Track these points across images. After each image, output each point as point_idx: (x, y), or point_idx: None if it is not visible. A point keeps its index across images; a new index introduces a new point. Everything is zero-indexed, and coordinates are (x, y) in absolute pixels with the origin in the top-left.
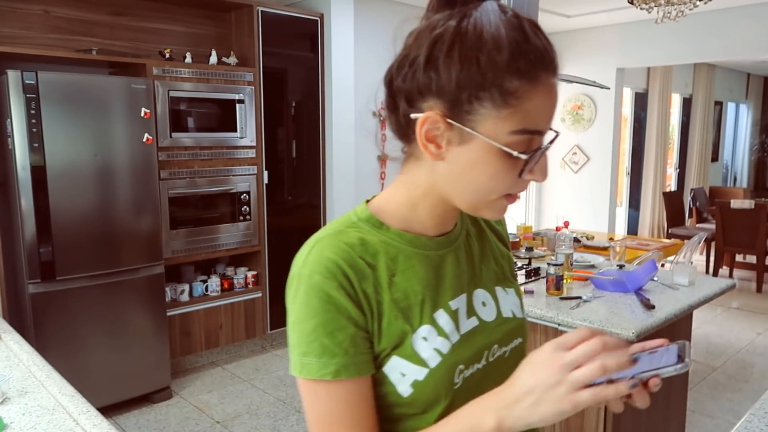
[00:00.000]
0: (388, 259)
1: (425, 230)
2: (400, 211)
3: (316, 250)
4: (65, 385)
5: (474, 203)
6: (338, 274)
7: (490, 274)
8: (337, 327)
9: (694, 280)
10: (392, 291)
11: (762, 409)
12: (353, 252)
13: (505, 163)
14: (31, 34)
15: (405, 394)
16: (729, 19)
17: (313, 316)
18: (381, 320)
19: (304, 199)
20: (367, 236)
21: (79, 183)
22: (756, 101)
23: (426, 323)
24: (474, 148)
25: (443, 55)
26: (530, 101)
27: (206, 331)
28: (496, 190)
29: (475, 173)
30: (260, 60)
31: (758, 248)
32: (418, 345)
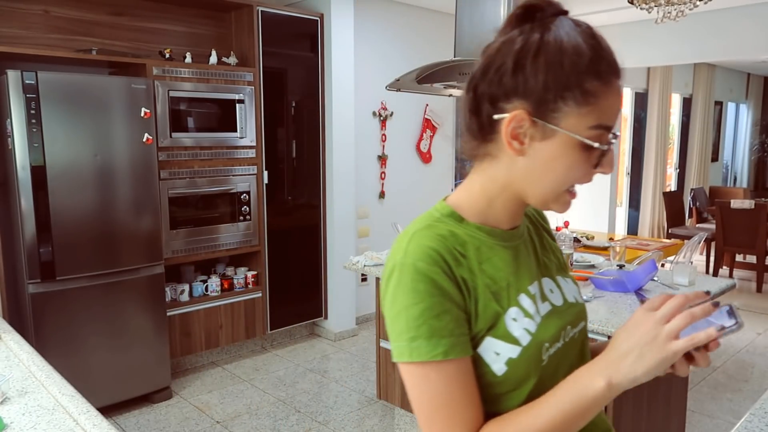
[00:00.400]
0: (474, 249)
1: (499, 224)
2: (477, 206)
3: (415, 241)
4: (65, 385)
5: (546, 196)
6: (440, 261)
7: (551, 265)
8: (443, 310)
9: (694, 280)
10: (483, 276)
11: (762, 409)
12: (447, 242)
13: (582, 155)
14: (31, 34)
15: (499, 373)
16: (729, 19)
17: (420, 300)
18: (477, 303)
19: (304, 199)
20: (455, 229)
21: (79, 183)
22: (756, 101)
23: (513, 305)
24: (556, 142)
25: (530, 62)
26: (606, 100)
27: (206, 331)
28: (569, 181)
29: (554, 165)
30: (260, 60)
31: (758, 248)
32: (510, 325)
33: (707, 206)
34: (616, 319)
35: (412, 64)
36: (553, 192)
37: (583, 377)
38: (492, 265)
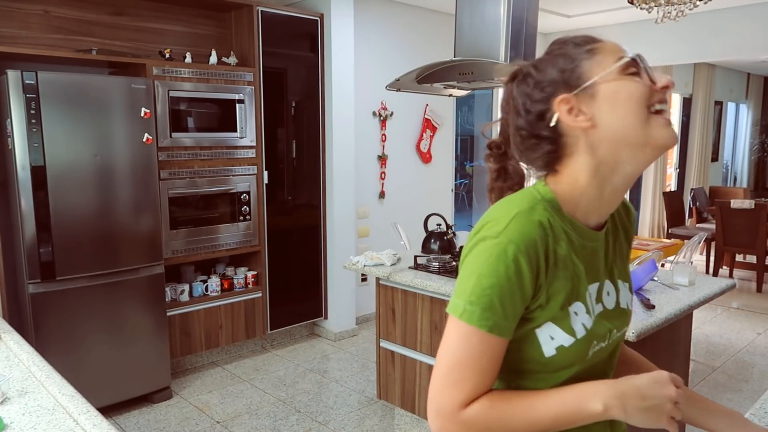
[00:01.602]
0: (565, 243)
1: (586, 221)
2: (572, 199)
3: (516, 222)
4: (65, 385)
5: (641, 134)
6: (531, 250)
7: (617, 269)
8: (510, 296)
9: (694, 280)
10: (561, 269)
11: (762, 409)
12: (544, 233)
13: (631, 82)
14: (31, 34)
15: (547, 355)
16: (729, 19)
17: (495, 276)
18: (550, 293)
19: (304, 199)
20: (552, 219)
21: (79, 183)
22: (756, 101)
23: (580, 300)
24: (603, 90)
25: (540, 72)
26: (605, 49)
27: (206, 331)
28: (642, 104)
29: (620, 105)
30: (260, 60)
31: (758, 248)
32: (572, 318)
33: (707, 206)
34: None
35: (412, 64)
36: (641, 122)
37: (585, 395)
38: (574, 260)
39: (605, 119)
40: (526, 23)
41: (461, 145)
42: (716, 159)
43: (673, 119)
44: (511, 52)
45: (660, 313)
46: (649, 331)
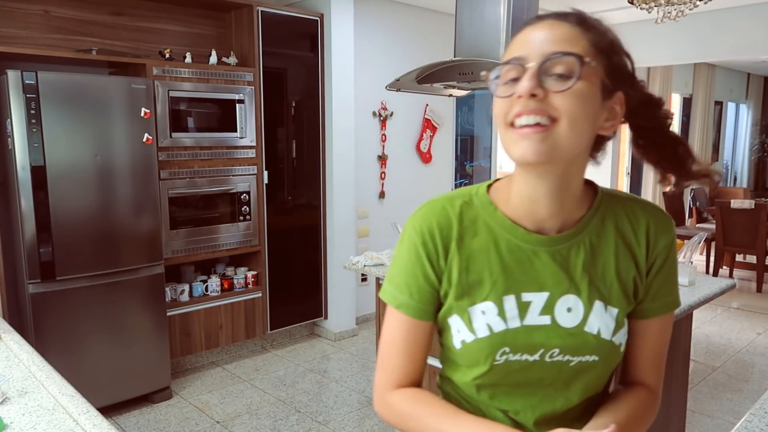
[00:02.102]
0: (479, 237)
1: (521, 221)
2: (506, 196)
3: (424, 208)
4: (65, 385)
5: (505, 147)
6: (427, 236)
7: (593, 286)
8: (413, 275)
9: (694, 280)
10: (469, 263)
11: (762, 409)
12: (448, 220)
13: (497, 90)
14: (31, 34)
15: (456, 347)
16: (729, 19)
17: (401, 258)
18: (451, 283)
19: (304, 199)
20: (470, 211)
21: (79, 183)
22: (756, 101)
23: (491, 300)
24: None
25: None
26: (512, 44)
27: (206, 331)
28: (501, 117)
29: (494, 113)
30: (260, 60)
31: (758, 248)
32: (474, 315)
33: (707, 206)
34: None
35: (412, 64)
36: (502, 135)
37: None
38: (488, 256)
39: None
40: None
41: (461, 145)
42: (716, 159)
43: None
44: None
45: None
46: None
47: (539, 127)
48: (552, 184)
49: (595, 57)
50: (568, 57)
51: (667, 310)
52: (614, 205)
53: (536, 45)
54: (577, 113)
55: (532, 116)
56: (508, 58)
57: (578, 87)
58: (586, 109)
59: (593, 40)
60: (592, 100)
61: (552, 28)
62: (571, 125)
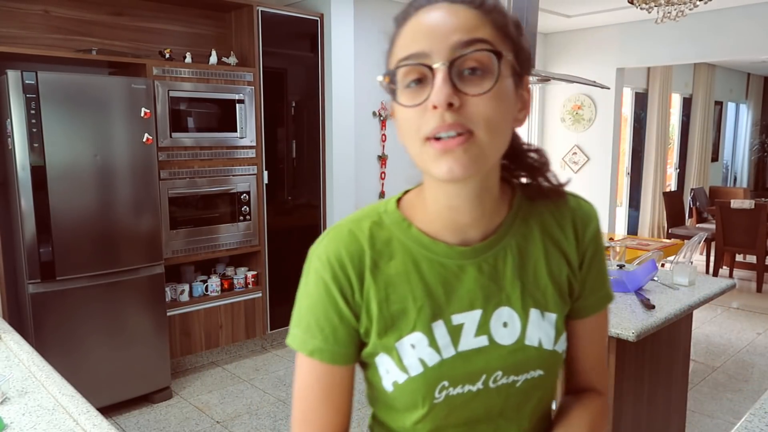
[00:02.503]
0: (396, 259)
1: (440, 233)
2: (420, 208)
3: (328, 237)
4: (65, 385)
5: (420, 163)
6: (336, 267)
7: (526, 293)
8: (324, 314)
9: (694, 280)
10: (389, 291)
11: (762, 409)
12: (359, 245)
13: (402, 97)
14: (31, 34)
15: (387, 389)
16: (729, 19)
17: (308, 296)
18: (372, 319)
19: (304, 199)
20: (382, 232)
21: (79, 183)
22: (756, 101)
23: (419, 330)
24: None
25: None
26: (401, 37)
27: (206, 331)
28: (412, 129)
29: (397, 123)
30: (260, 60)
31: (758, 248)
32: (404, 351)
33: (707, 206)
34: (616, 319)
35: None
36: (416, 150)
37: None
38: (410, 280)
39: (401, 135)
40: (526, 23)
41: None
42: (716, 159)
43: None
44: None
45: (660, 313)
46: (649, 331)
47: (461, 137)
48: (474, 188)
49: (504, 43)
50: (483, 52)
51: (603, 305)
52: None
53: (438, 36)
54: (498, 117)
55: (452, 131)
56: (405, 55)
57: (497, 87)
58: (505, 108)
59: (498, 23)
60: (509, 95)
61: (450, 13)
62: (494, 131)
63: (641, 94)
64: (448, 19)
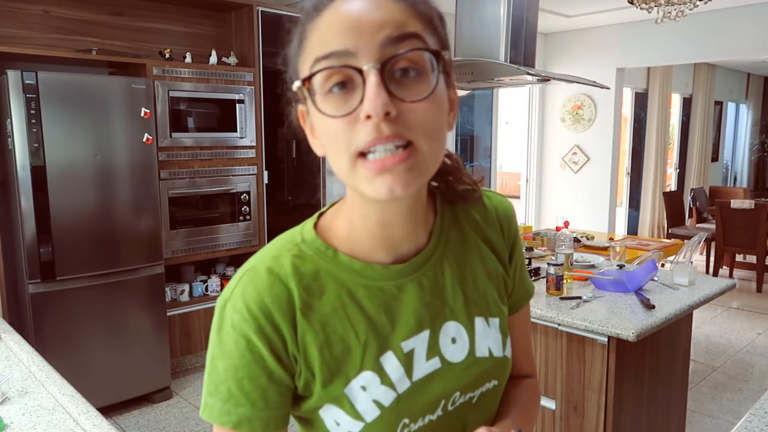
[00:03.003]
0: (328, 294)
1: (372, 254)
2: (343, 230)
3: (243, 283)
4: (65, 385)
5: (351, 182)
6: (260, 317)
7: (469, 302)
8: (249, 376)
9: (694, 280)
10: (328, 332)
11: (762, 409)
12: (284, 286)
13: (321, 114)
14: (31, 34)
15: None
16: (729, 19)
17: (226, 356)
18: (312, 367)
19: (304, 199)
20: (306, 265)
21: (79, 183)
22: (756, 101)
23: (368, 369)
24: (309, 110)
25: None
26: (313, 39)
27: (206, 331)
28: (341, 145)
29: (322, 138)
30: (260, 60)
31: (758, 248)
32: (354, 396)
33: (707, 206)
34: (616, 319)
35: None
36: (347, 168)
37: None
38: (348, 314)
39: (319, 140)
40: (526, 23)
41: (461, 145)
42: (716, 159)
43: (673, 119)
44: (511, 52)
45: (660, 313)
46: (649, 331)
47: (402, 154)
48: (409, 201)
49: (432, 38)
50: (418, 52)
51: (528, 298)
52: (453, 205)
53: (364, 31)
54: (437, 124)
55: (390, 144)
56: (325, 53)
57: (435, 90)
58: (443, 112)
59: (425, 16)
60: (444, 97)
61: (375, 4)
62: (434, 139)
63: (641, 94)
64: (373, 11)
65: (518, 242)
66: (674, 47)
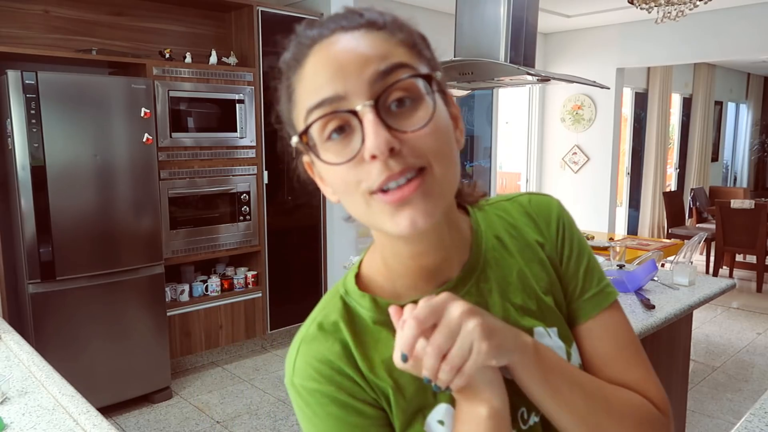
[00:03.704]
0: (382, 342)
1: (416, 288)
2: (381, 272)
3: (301, 352)
4: (65, 385)
5: (369, 221)
6: (330, 373)
7: (525, 312)
8: (348, 427)
9: (694, 280)
10: (395, 377)
11: (762, 409)
12: (338, 340)
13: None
14: (31, 34)
15: None
16: (729, 19)
17: (321, 424)
18: (392, 409)
19: (304, 199)
20: (356, 317)
21: (79, 183)
22: (756, 101)
23: (442, 401)
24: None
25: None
26: (302, 89)
27: (206, 331)
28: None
29: (331, 185)
30: (260, 60)
31: (758, 248)
32: (434, 428)
33: (707, 206)
34: None
35: None
36: (362, 208)
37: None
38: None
39: (337, 195)
40: (526, 23)
41: None
42: (716, 159)
43: (673, 119)
44: (511, 52)
45: (660, 313)
46: (649, 331)
47: (417, 180)
48: (436, 227)
49: (420, 61)
50: (409, 80)
51: (606, 301)
52: (486, 213)
53: (349, 72)
54: (445, 146)
55: (402, 178)
56: (315, 102)
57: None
58: (448, 132)
59: (407, 42)
60: (445, 117)
61: (354, 42)
62: (446, 162)
63: (641, 94)
64: (354, 49)
65: (572, 238)
66: (674, 47)
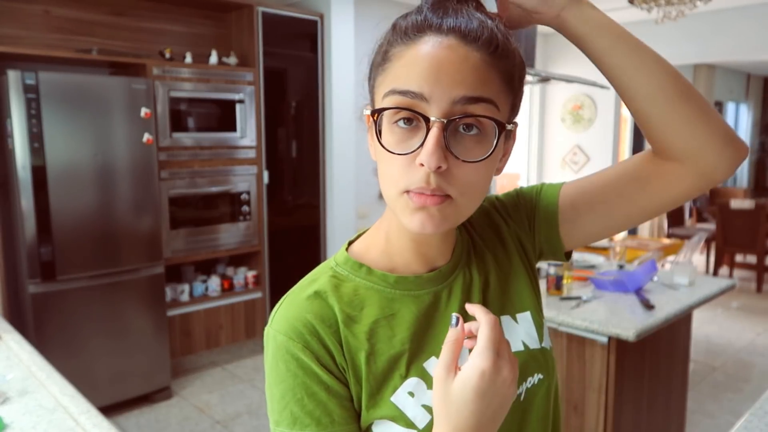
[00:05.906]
0: (369, 307)
1: (410, 266)
2: (380, 246)
3: (283, 307)
4: (66, 385)
5: (395, 208)
6: (304, 333)
7: (494, 302)
8: (307, 394)
9: (694, 280)
10: (373, 342)
11: (762, 409)
12: (324, 302)
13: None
14: (31, 34)
15: None
16: (729, 19)
17: (281, 380)
18: (360, 378)
19: (304, 199)
20: (345, 283)
21: (79, 183)
22: (756, 101)
23: (414, 375)
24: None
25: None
26: (400, 61)
27: (206, 331)
28: (393, 178)
29: (378, 161)
30: (260, 60)
31: (758, 248)
32: (403, 403)
33: (707, 206)
34: (616, 319)
35: None
36: (394, 196)
37: None
38: (391, 325)
39: (378, 170)
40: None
41: None
42: None
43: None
44: None
45: (660, 313)
46: (649, 331)
47: (438, 198)
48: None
49: (506, 96)
50: (485, 119)
51: (556, 187)
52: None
53: (442, 82)
54: (482, 183)
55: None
56: (402, 89)
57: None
58: (491, 170)
59: (506, 73)
60: (498, 155)
61: (461, 56)
62: (474, 196)
63: None
64: (457, 62)
65: (500, 206)
66: (674, 47)
